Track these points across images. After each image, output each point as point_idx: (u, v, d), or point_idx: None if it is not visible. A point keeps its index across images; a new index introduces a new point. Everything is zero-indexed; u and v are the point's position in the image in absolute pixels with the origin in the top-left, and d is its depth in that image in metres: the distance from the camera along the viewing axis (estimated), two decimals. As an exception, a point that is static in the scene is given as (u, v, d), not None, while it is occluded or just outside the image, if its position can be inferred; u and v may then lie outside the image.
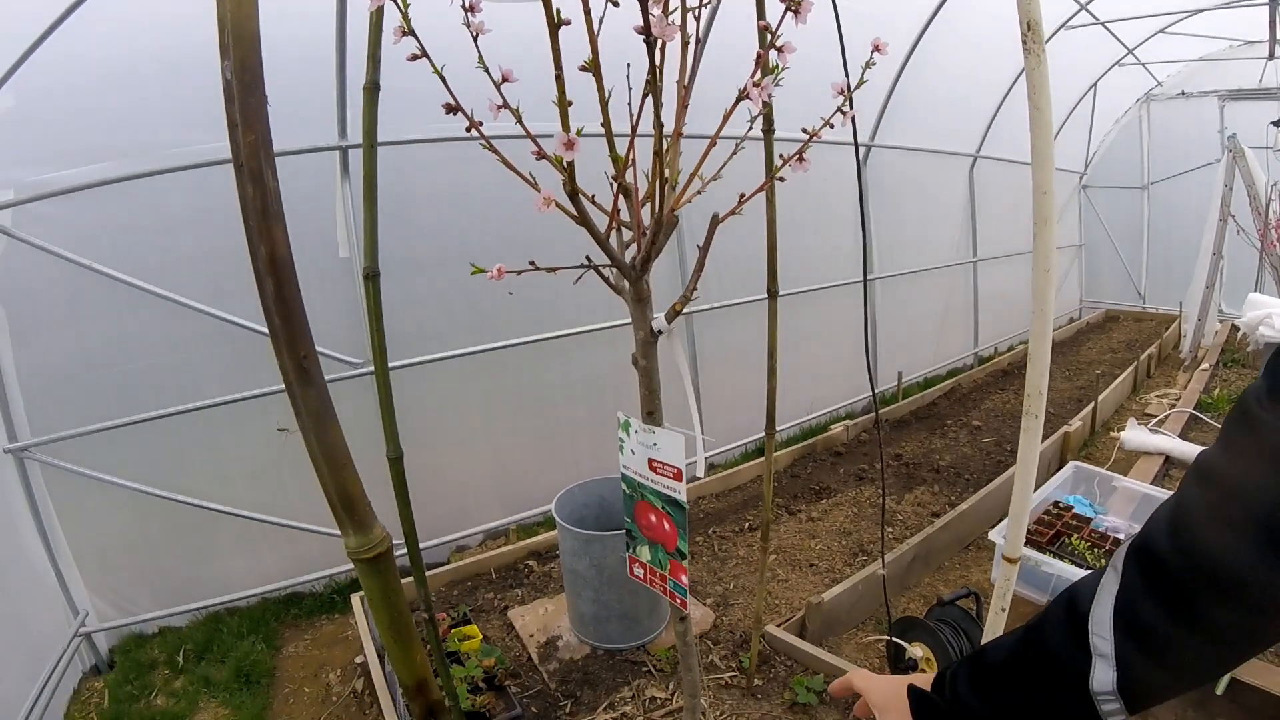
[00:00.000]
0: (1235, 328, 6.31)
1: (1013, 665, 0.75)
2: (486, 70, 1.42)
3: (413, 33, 1.39)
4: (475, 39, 1.43)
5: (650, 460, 1.38)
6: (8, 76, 2.61)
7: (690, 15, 1.35)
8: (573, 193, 1.07)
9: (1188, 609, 0.62)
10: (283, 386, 0.75)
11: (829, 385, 5.88)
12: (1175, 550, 0.63)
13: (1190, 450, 4.49)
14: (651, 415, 1.31)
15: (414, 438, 3.80)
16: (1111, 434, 5.04)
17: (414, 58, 1.41)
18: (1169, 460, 4.47)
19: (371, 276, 1.67)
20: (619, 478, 1.54)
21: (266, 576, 3.59)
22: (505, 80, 1.42)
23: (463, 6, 1.45)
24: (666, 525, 1.43)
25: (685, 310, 1.23)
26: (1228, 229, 6.36)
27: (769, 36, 1.23)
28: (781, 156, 1.23)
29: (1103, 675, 0.66)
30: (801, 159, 1.23)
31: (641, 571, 1.58)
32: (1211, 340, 6.89)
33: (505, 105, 1.39)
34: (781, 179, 1.25)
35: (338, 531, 0.92)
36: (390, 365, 3.52)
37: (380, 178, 1.81)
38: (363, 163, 1.70)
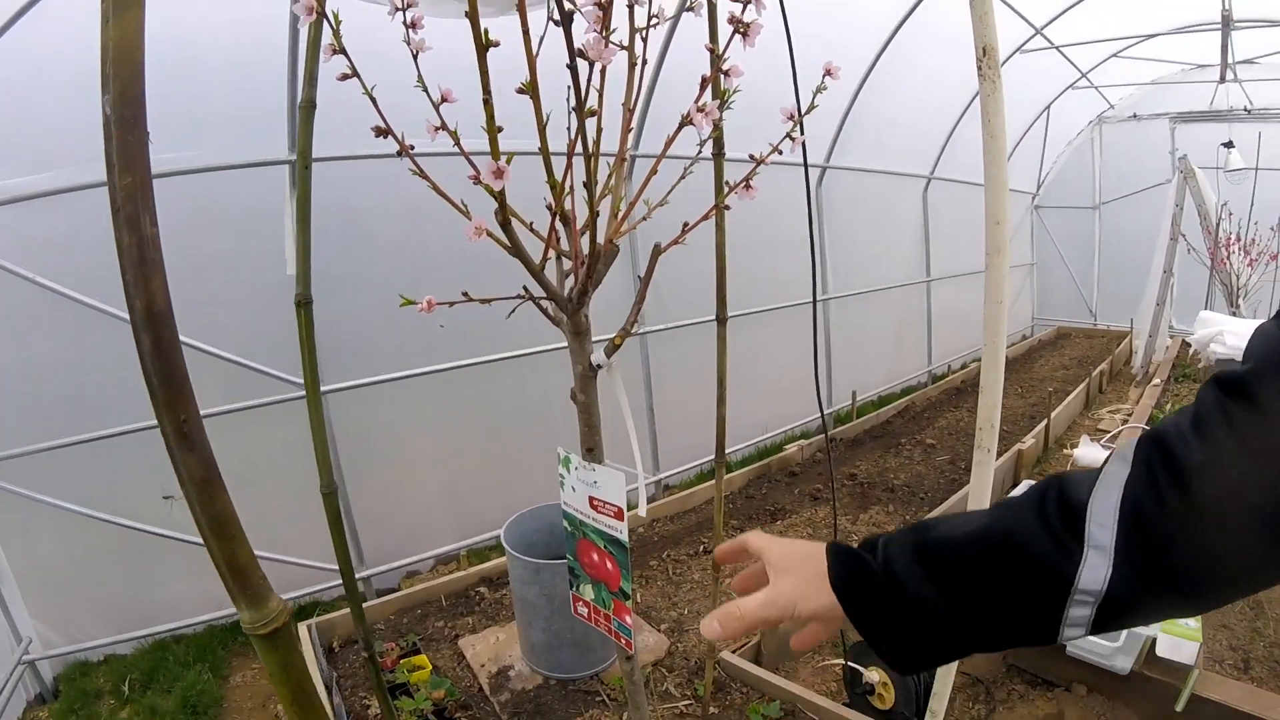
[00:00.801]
0: (1186, 343, 6.47)
1: (974, 549, 0.66)
2: (425, 90, 1.36)
3: (343, 50, 1.32)
4: (415, 57, 1.37)
5: (591, 498, 1.32)
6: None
7: (638, 36, 1.30)
8: (504, 222, 1.02)
9: (1207, 512, 0.55)
10: (232, 406, 0.67)
11: (784, 404, 5.86)
12: (1196, 452, 0.56)
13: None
14: (591, 452, 1.25)
15: (363, 460, 3.73)
16: (1065, 450, 5.10)
17: (344, 77, 1.34)
18: (1120, 474, 4.53)
19: (303, 304, 1.58)
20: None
21: (214, 603, 3.45)
22: (444, 100, 1.36)
23: (404, 24, 1.39)
24: (609, 564, 1.37)
25: (638, 331, 1.18)
26: (1178, 247, 6.52)
27: (716, 59, 1.19)
28: (728, 184, 1.19)
29: (1094, 571, 0.58)
30: (749, 186, 1.19)
31: (586, 610, 1.51)
32: (1163, 355, 7.05)
33: (443, 126, 1.32)
34: (728, 207, 1.21)
35: (286, 557, 0.84)
36: (338, 386, 3.50)
37: (328, 192, 1.75)
38: (296, 183, 1.62)
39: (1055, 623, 0.61)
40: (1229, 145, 7.23)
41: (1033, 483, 2.97)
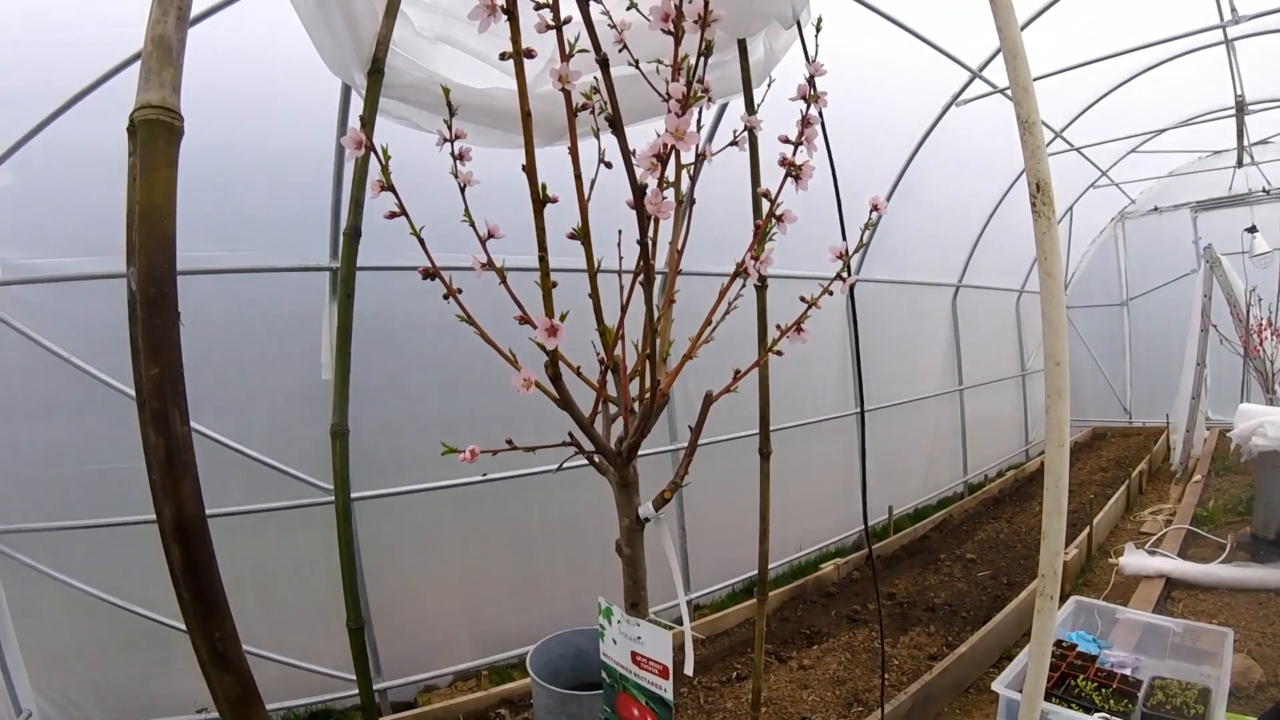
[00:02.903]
0: (1224, 435, 6.28)
1: None
2: (472, 225, 1.36)
3: (391, 188, 1.33)
4: (463, 190, 1.37)
5: (634, 653, 1.24)
6: (9, 154, 2.61)
7: (685, 173, 1.30)
8: (555, 375, 0.98)
9: None
10: (259, 506, 0.62)
11: (817, 520, 5.70)
12: None
13: (1191, 571, 4.36)
14: (636, 607, 1.18)
15: (386, 570, 3.64)
16: (1109, 559, 4.88)
17: (391, 215, 1.35)
18: (1170, 582, 4.32)
19: (339, 434, 1.55)
20: (596, 630, 1.39)
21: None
22: (491, 236, 1.36)
23: (452, 155, 1.40)
24: (651, 724, 1.27)
25: (671, 448, 1.12)
26: (1209, 338, 6.41)
27: (767, 204, 1.17)
28: (779, 327, 1.16)
29: None
30: (800, 329, 1.16)
31: (623, 769, 1.40)
32: (1201, 449, 6.83)
33: (490, 264, 1.32)
34: (779, 353, 1.17)
35: (299, 661, 0.76)
36: (365, 494, 3.45)
37: (367, 302, 1.74)
38: (337, 313, 1.62)
39: None
40: (1252, 230, 7.21)
41: (1079, 600, 2.78)
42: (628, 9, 1.42)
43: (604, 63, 0.93)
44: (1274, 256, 7.14)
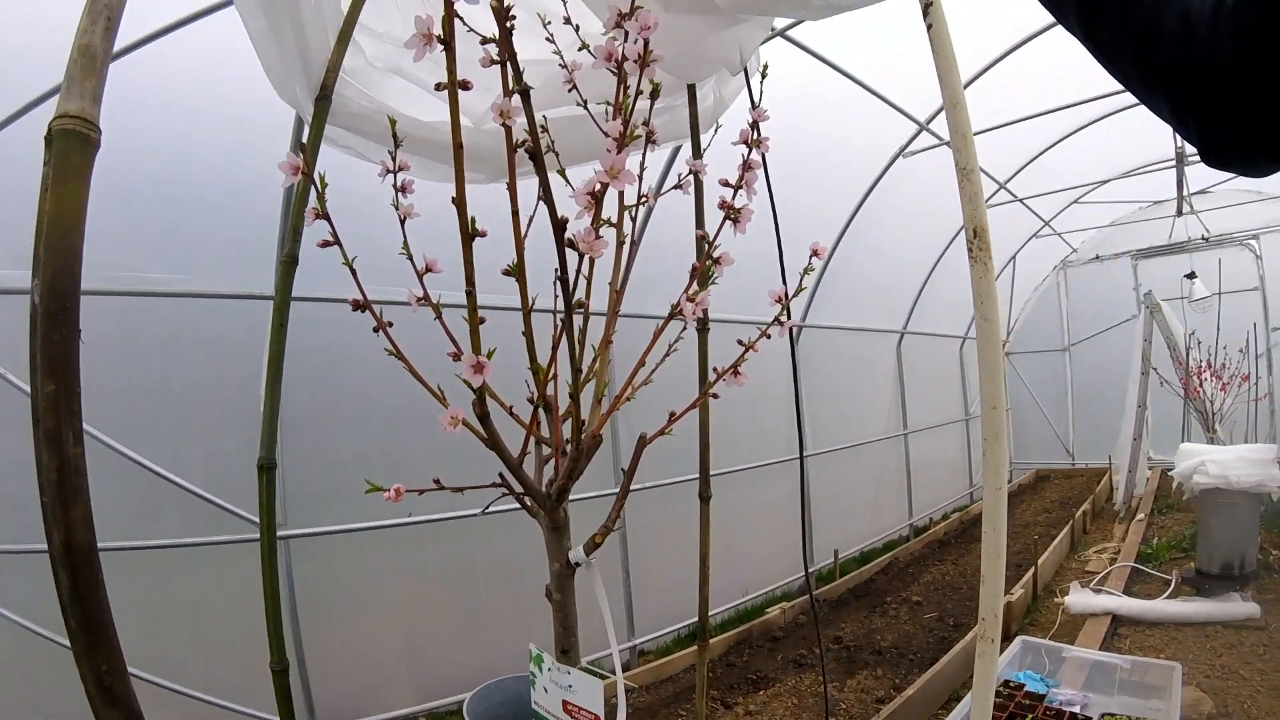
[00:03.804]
0: (1166, 474, 6.45)
1: None
2: (410, 258, 1.34)
3: (326, 216, 1.31)
4: (403, 222, 1.35)
5: (565, 702, 1.20)
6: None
7: (627, 214, 1.29)
8: (483, 414, 0.95)
9: None
10: (192, 540, 0.57)
11: (763, 565, 5.67)
12: None
13: (1137, 607, 4.45)
14: (567, 654, 1.14)
15: (322, 609, 3.51)
16: (1055, 599, 4.94)
17: (325, 244, 1.32)
18: (1116, 619, 4.40)
19: (265, 468, 1.49)
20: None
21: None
22: (429, 270, 1.34)
23: (394, 186, 1.38)
24: (583, 778, 1.23)
25: (611, 493, 1.10)
26: (1150, 381, 6.62)
27: (706, 246, 1.17)
28: (715, 369, 1.15)
29: None
30: (737, 373, 1.15)
31: (554, 825, 1.35)
32: (1144, 489, 7.01)
33: (425, 298, 1.29)
34: (715, 395, 1.16)
35: (229, 702, 0.70)
36: (300, 532, 3.33)
37: (303, 333, 1.69)
38: (269, 343, 1.57)
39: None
40: (1191, 276, 7.50)
41: (1025, 639, 2.80)
42: (579, 49, 1.43)
43: (525, 92, 0.92)
44: (1212, 301, 7.45)
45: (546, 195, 0.94)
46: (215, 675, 3.18)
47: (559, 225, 0.90)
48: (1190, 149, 5.78)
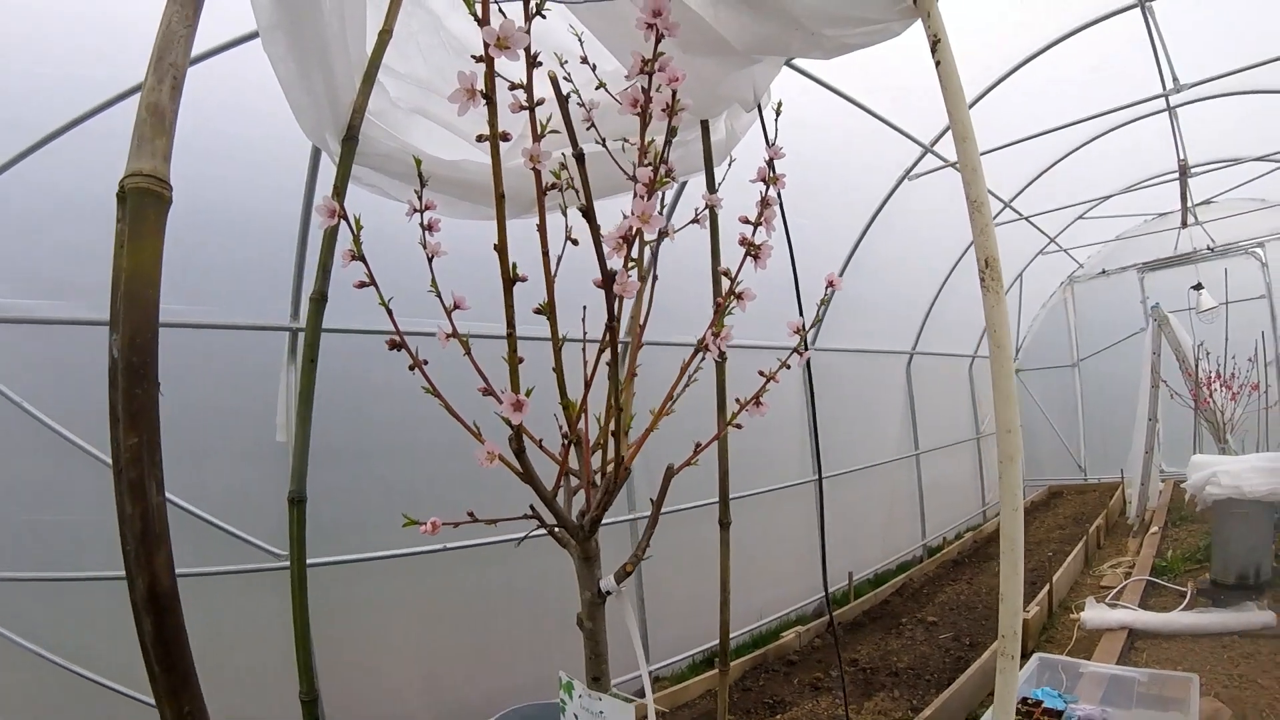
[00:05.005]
0: (1179, 486, 6.43)
1: None
2: (439, 295, 1.38)
3: (361, 258, 1.35)
4: (430, 260, 1.40)
5: (597, 728, 1.23)
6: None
7: (648, 250, 1.34)
8: (519, 450, 0.99)
9: None
10: (209, 570, 0.61)
11: (777, 589, 5.66)
12: None
13: (1153, 620, 4.42)
14: (598, 681, 1.17)
15: (340, 638, 3.52)
16: (1071, 615, 4.92)
17: (361, 285, 1.36)
18: (1132, 633, 4.37)
19: (296, 501, 1.53)
20: (557, 703, 1.36)
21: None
22: (457, 307, 1.38)
23: (421, 225, 1.43)
24: (614, 803, 1.25)
25: (630, 517, 1.13)
26: (1160, 393, 6.61)
27: (728, 282, 1.21)
28: (738, 401, 1.19)
29: None
30: (759, 403, 1.19)
31: None
32: (1157, 502, 6.97)
33: (454, 334, 1.33)
34: (738, 426, 1.20)
35: None
36: (323, 560, 3.36)
37: (330, 363, 1.72)
38: (300, 378, 1.61)
39: None
40: (1198, 287, 7.51)
41: (1042, 656, 2.80)
42: (596, 89, 1.49)
43: (580, 156, 0.97)
44: (1220, 311, 7.45)
45: (598, 251, 0.99)
46: (231, 705, 3.19)
47: (609, 277, 0.95)
48: (1193, 159, 5.88)
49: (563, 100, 0.94)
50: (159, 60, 0.83)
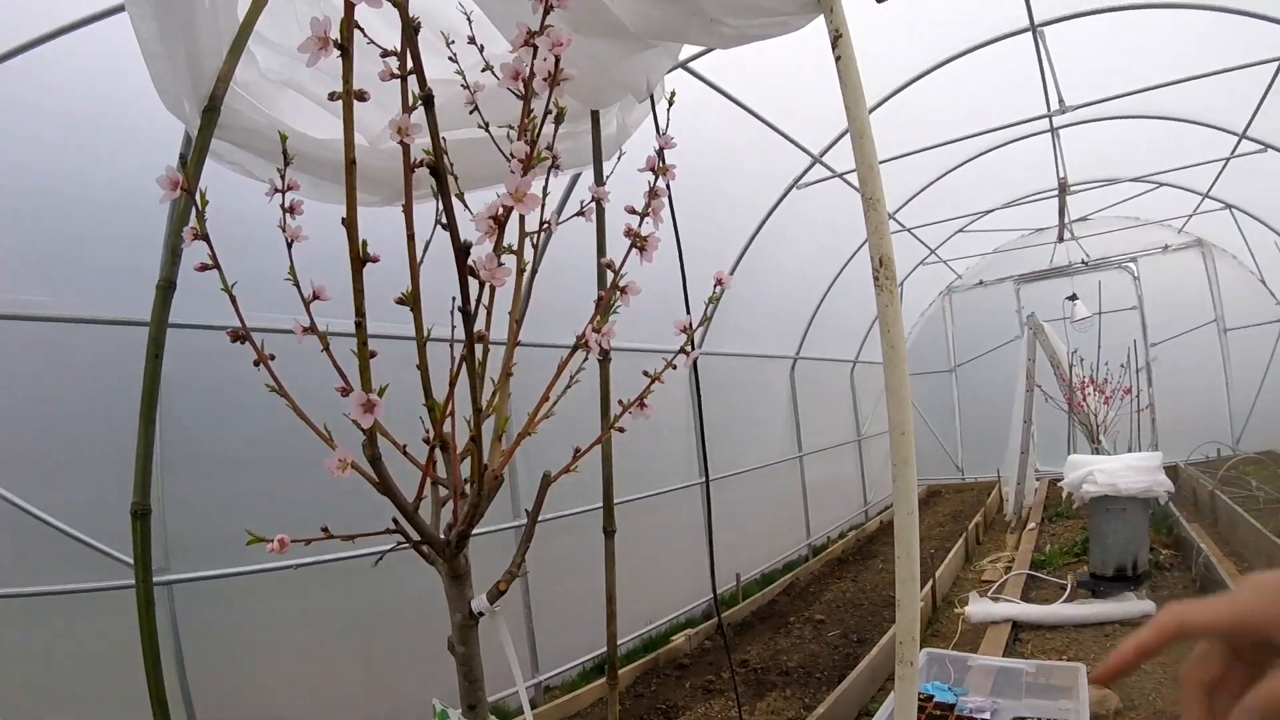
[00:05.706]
0: (1054, 484, 6.81)
1: None
2: (296, 285, 1.24)
3: (205, 238, 1.20)
4: (289, 245, 1.26)
5: (469, 761, 1.12)
6: None
7: (528, 240, 1.24)
8: (374, 457, 0.88)
9: None
10: (60, 588, 0.47)
11: (666, 592, 5.64)
12: None
13: (1036, 612, 4.62)
14: (474, 709, 1.07)
15: (212, 657, 3.24)
16: (955, 609, 5.11)
17: (203, 268, 1.21)
18: (1016, 626, 4.54)
19: (140, 514, 1.34)
20: None
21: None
22: (316, 297, 1.25)
23: (281, 207, 1.28)
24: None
25: (502, 527, 1.03)
26: (1035, 397, 7.00)
27: (611, 275, 1.13)
28: (620, 402, 1.11)
29: None
30: (643, 405, 1.12)
31: None
32: (1033, 499, 7.36)
33: (312, 328, 1.20)
34: (621, 429, 1.12)
35: None
36: (186, 576, 3.07)
37: (190, 362, 1.53)
38: (143, 375, 1.42)
39: None
40: (1073, 298, 8.05)
41: (930, 651, 2.84)
42: (483, 70, 1.38)
43: (428, 99, 0.86)
44: (1094, 321, 7.99)
45: (449, 217, 0.88)
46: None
47: (462, 250, 0.84)
48: (1072, 178, 6.26)
49: (410, 35, 0.83)
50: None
